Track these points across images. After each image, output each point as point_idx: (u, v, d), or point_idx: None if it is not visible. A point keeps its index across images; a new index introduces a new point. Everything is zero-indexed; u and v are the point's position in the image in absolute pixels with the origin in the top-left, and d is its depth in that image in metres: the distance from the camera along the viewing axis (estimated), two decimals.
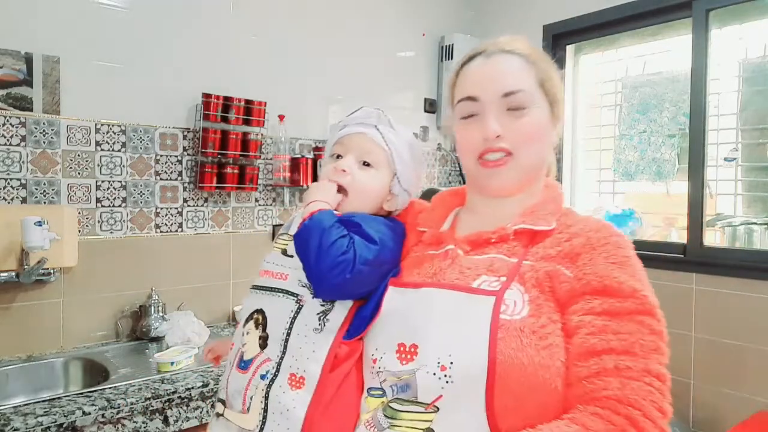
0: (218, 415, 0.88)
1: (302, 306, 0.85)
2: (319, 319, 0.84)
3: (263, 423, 0.80)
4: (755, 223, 2.34)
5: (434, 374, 0.72)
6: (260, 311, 0.88)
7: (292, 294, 0.86)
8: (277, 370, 0.82)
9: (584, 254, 0.79)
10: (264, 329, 0.86)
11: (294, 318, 0.84)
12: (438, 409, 0.71)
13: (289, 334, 0.84)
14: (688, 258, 2.38)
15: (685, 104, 2.49)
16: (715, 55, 2.39)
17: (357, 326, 0.85)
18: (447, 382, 0.71)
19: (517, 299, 0.75)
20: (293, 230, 0.89)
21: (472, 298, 0.76)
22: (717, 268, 2.29)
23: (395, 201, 1.00)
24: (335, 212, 0.90)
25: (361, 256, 0.83)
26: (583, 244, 0.80)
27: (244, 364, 0.85)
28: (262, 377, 0.83)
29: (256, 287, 0.93)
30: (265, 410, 0.80)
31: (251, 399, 0.82)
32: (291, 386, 0.81)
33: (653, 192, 2.71)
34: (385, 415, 0.75)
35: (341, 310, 0.85)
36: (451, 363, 0.71)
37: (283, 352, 0.83)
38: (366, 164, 0.96)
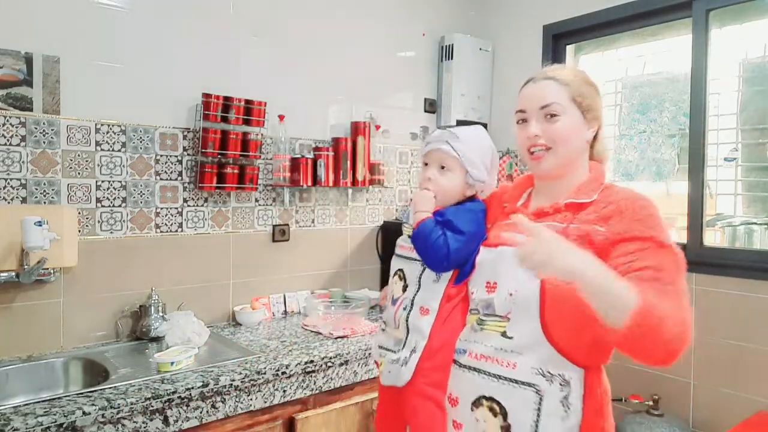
0: (382, 330, 1.43)
1: (425, 268, 1.32)
2: (436, 274, 1.31)
3: (407, 335, 1.31)
4: (755, 223, 2.34)
5: (505, 298, 1.11)
6: (401, 270, 1.38)
7: (418, 260, 1.33)
8: (412, 304, 1.31)
9: (615, 216, 1.07)
10: (404, 281, 1.36)
11: (421, 273, 1.33)
12: (509, 319, 1.11)
13: (419, 284, 1.32)
14: (688, 258, 2.33)
15: (685, 104, 2.49)
16: (715, 55, 2.39)
17: (461, 277, 1.28)
18: (513, 303, 1.10)
19: None
20: (411, 221, 1.37)
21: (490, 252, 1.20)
22: (717, 268, 2.29)
23: (472, 189, 1.38)
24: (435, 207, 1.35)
25: (453, 248, 1.26)
26: (613, 209, 1.08)
27: (393, 301, 1.38)
28: (404, 309, 1.33)
29: (398, 255, 1.43)
30: (408, 328, 1.31)
31: (399, 320, 1.32)
32: (421, 314, 1.30)
33: (653, 192, 2.71)
34: (477, 324, 1.18)
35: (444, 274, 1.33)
36: (516, 291, 1.10)
37: (416, 294, 1.32)
38: (443, 167, 1.37)
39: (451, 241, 1.26)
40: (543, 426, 1.04)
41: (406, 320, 1.31)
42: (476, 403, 1.11)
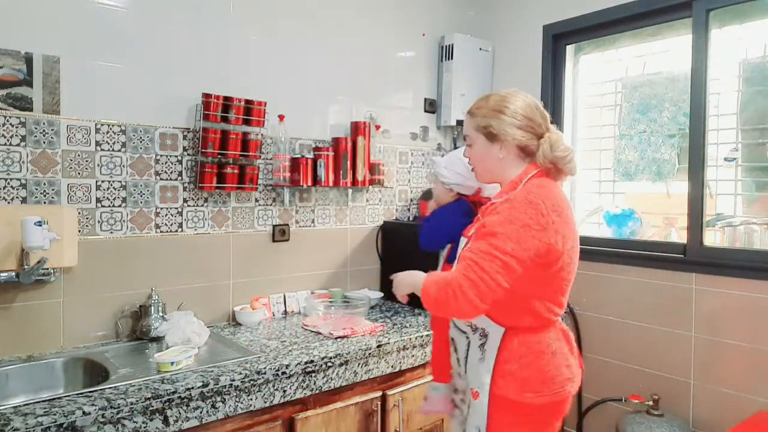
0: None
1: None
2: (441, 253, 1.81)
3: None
4: (755, 223, 2.34)
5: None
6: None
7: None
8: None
9: (500, 211, 1.39)
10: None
11: None
12: None
13: None
14: (688, 258, 2.39)
15: (685, 104, 2.49)
16: (715, 55, 2.39)
17: (452, 257, 1.66)
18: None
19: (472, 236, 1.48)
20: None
21: (463, 240, 1.54)
22: (717, 268, 2.29)
23: (452, 191, 1.83)
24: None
25: (422, 238, 1.86)
26: (493, 207, 1.44)
27: None
28: None
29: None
30: None
31: None
32: None
33: (653, 192, 2.71)
34: None
35: (443, 253, 1.83)
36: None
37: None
38: (437, 181, 1.88)
39: (422, 235, 1.84)
40: (469, 360, 1.51)
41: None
42: (451, 341, 1.62)
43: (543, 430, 1.47)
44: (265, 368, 1.73)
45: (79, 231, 1.95)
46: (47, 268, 1.83)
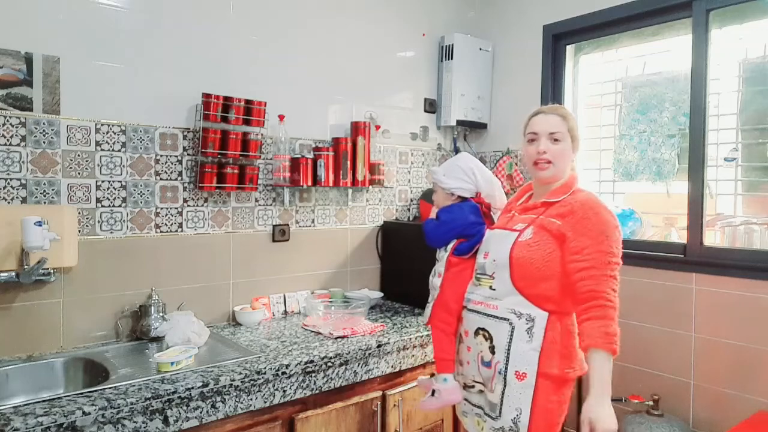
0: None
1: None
2: (444, 249, 1.81)
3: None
4: (755, 223, 2.34)
5: (491, 263, 1.65)
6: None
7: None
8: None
9: (569, 215, 1.57)
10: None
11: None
12: (494, 278, 1.64)
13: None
14: (688, 258, 2.39)
15: (685, 104, 2.49)
16: (715, 55, 2.39)
17: (460, 250, 1.77)
18: (495, 266, 1.64)
19: (527, 232, 1.61)
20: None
21: (510, 233, 1.65)
22: (717, 268, 2.29)
23: (452, 195, 1.87)
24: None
25: (431, 234, 1.85)
26: (568, 210, 1.58)
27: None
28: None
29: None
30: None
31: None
32: (432, 278, 1.82)
33: (653, 192, 2.71)
34: (476, 280, 1.71)
35: (447, 248, 1.81)
36: (496, 258, 1.64)
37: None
38: (437, 188, 1.92)
39: (428, 231, 1.86)
40: (513, 346, 1.58)
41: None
42: (476, 333, 1.67)
43: (567, 402, 1.62)
44: (265, 368, 1.73)
45: (79, 231, 1.95)
46: (47, 268, 1.83)
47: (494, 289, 1.62)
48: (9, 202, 1.83)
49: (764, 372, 2.16)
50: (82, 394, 1.50)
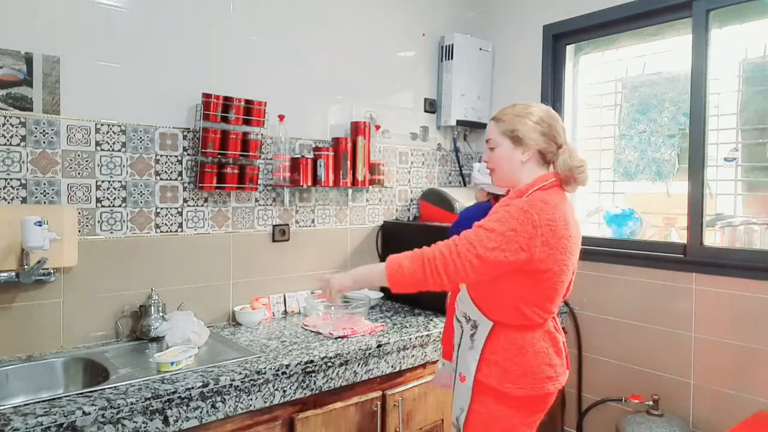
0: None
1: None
2: None
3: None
4: (755, 223, 2.34)
5: None
6: None
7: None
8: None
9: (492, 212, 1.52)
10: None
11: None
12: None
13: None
14: (688, 258, 2.38)
15: (685, 104, 2.49)
16: (715, 55, 2.39)
17: None
18: None
19: None
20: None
21: None
22: (717, 268, 2.29)
23: (485, 193, 2.07)
24: None
25: (449, 231, 1.91)
26: (494, 209, 1.52)
27: None
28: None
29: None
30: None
31: None
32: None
33: (653, 192, 2.71)
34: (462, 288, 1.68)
35: None
36: None
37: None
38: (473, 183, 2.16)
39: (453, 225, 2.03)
40: (461, 348, 1.62)
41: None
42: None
43: (520, 422, 1.55)
44: (265, 368, 1.73)
45: (79, 231, 1.95)
46: (47, 268, 1.83)
47: (461, 292, 1.65)
48: (9, 202, 1.83)
49: (764, 372, 2.16)
50: (82, 394, 1.50)
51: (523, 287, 1.48)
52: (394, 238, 2.81)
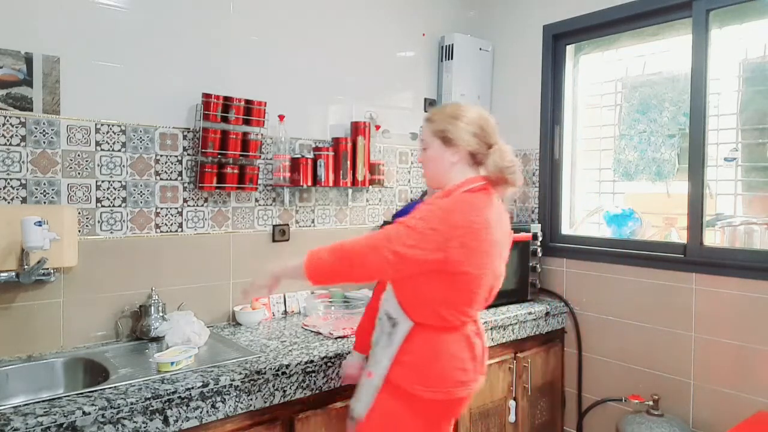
0: None
1: None
2: None
3: None
4: (755, 223, 2.34)
5: None
6: None
7: None
8: None
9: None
10: None
11: None
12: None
13: None
14: (688, 258, 2.39)
15: (685, 104, 2.49)
16: (715, 55, 2.39)
17: None
18: None
19: None
20: None
21: None
22: (717, 268, 2.29)
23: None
24: None
25: None
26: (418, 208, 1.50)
27: None
28: None
29: None
30: None
31: None
32: None
33: (653, 192, 2.71)
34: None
35: None
36: None
37: None
38: None
39: None
40: (378, 345, 1.59)
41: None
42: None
43: (423, 426, 1.54)
44: (265, 368, 1.73)
45: (79, 231, 1.95)
46: (47, 268, 1.83)
47: (387, 291, 1.63)
48: (9, 202, 1.83)
49: (764, 372, 2.16)
50: (82, 394, 1.50)
51: (440, 288, 1.47)
52: None
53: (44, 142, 1.89)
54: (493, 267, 1.52)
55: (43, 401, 1.44)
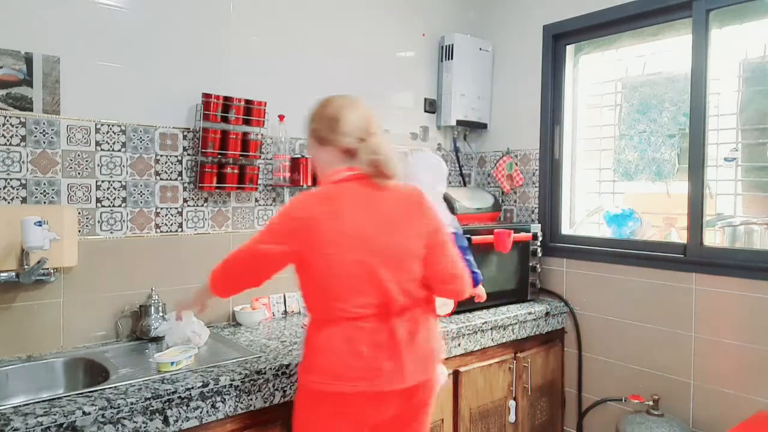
0: None
1: None
2: None
3: None
4: (755, 223, 2.34)
5: None
6: None
7: None
8: None
9: None
10: None
11: None
12: None
13: None
14: (688, 258, 2.39)
15: (685, 104, 2.49)
16: (715, 55, 2.39)
17: None
18: None
19: None
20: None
21: None
22: (717, 268, 2.29)
23: None
24: None
25: None
26: None
27: None
28: None
29: None
30: None
31: None
32: None
33: (653, 192, 2.71)
34: None
35: None
36: None
37: None
38: None
39: None
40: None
41: None
42: None
43: (327, 418, 1.49)
44: (265, 368, 1.73)
45: (79, 231, 1.95)
46: (47, 268, 1.83)
47: None
48: (9, 202, 1.83)
49: (764, 372, 2.16)
50: (82, 394, 1.50)
51: (306, 281, 1.54)
52: None
53: (44, 142, 1.89)
54: (351, 257, 1.45)
55: (43, 401, 1.44)
